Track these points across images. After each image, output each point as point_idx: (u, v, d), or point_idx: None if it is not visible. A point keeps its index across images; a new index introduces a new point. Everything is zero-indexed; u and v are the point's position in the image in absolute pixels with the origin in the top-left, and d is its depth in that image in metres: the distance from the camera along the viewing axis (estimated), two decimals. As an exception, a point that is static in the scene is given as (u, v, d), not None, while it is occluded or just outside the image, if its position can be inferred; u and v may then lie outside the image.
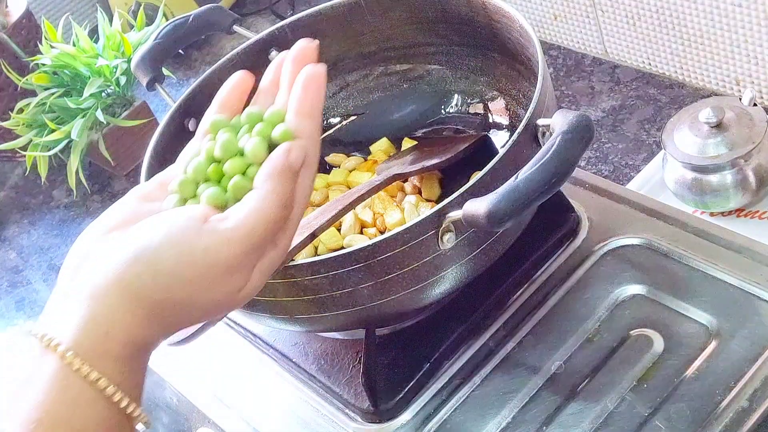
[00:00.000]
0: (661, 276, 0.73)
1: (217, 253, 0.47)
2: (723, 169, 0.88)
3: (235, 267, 0.48)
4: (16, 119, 1.38)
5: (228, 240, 0.47)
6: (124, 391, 0.46)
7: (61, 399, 0.45)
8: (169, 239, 0.47)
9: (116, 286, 0.46)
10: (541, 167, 0.55)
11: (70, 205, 1.46)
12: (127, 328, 0.46)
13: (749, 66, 1.01)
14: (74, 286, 0.48)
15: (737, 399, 0.63)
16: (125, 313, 0.46)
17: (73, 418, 0.45)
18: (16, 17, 1.49)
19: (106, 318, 0.46)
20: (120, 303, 0.46)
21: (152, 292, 0.47)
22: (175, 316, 0.48)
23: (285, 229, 0.50)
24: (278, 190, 0.49)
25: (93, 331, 0.46)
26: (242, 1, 1.73)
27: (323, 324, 0.70)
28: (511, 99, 0.84)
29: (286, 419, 0.75)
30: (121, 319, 0.46)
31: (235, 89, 0.56)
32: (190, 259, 0.47)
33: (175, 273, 0.47)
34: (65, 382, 0.45)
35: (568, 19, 1.18)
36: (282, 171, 0.49)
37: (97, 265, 0.48)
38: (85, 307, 0.46)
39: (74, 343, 0.45)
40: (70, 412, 0.45)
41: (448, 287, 0.67)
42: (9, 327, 1.29)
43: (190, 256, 0.47)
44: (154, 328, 0.48)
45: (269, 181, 0.49)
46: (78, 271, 0.49)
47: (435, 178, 0.83)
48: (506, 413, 0.68)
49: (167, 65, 0.92)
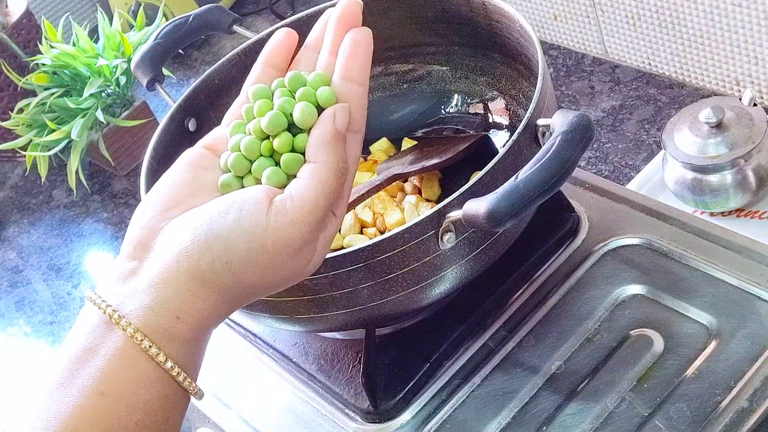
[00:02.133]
0: (661, 276, 0.73)
1: (285, 236, 0.48)
2: (723, 169, 0.88)
3: (302, 245, 0.49)
4: (16, 119, 1.38)
5: (293, 221, 0.48)
6: (187, 371, 0.48)
7: (127, 376, 0.46)
8: (240, 226, 0.48)
9: (188, 273, 0.47)
10: (541, 167, 0.55)
11: (70, 205, 1.46)
12: (198, 313, 0.48)
13: (749, 66, 1.01)
14: (144, 266, 0.48)
15: (737, 399, 0.63)
16: (197, 299, 0.47)
17: (136, 394, 0.46)
18: (16, 17, 1.49)
19: (178, 303, 0.47)
20: (193, 290, 0.47)
21: (225, 279, 0.48)
22: (245, 298, 0.50)
23: (341, 196, 0.51)
24: (332, 159, 0.50)
25: (164, 314, 0.47)
26: (242, 1, 1.73)
27: (323, 324, 0.70)
28: (511, 99, 0.84)
29: (286, 419, 0.75)
30: (193, 305, 0.47)
31: (280, 46, 0.56)
32: (261, 245, 0.48)
33: (247, 259, 0.48)
34: (132, 359, 0.46)
35: (568, 19, 1.18)
36: (332, 139, 0.50)
37: (169, 247, 0.48)
38: (158, 291, 0.47)
39: (144, 324, 0.46)
40: (135, 389, 0.46)
41: (448, 287, 0.67)
42: (8, 327, 1.29)
43: (261, 241, 0.48)
44: (223, 310, 0.49)
45: (321, 152, 0.50)
46: (146, 248, 0.49)
47: (435, 178, 0.83)
48: (506, 413, 0.68)
49: (167, 65, 0.92)
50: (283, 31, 0.56)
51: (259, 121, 0.52)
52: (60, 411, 0.45)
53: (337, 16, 0.55)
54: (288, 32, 0.56)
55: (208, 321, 0.48)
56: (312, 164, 0.50)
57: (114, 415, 0.45)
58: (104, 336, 0.46)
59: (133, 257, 0.49)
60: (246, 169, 0.52)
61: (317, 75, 0.53)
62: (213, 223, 0.48)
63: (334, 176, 0.50)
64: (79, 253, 1.37)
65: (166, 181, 0.52)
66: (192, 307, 0.47)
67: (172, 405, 0.48)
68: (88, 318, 0.48)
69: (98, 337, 0.47)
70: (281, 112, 0.52)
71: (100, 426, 0.45)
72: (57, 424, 0.45)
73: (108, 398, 0.45)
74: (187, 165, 0.53)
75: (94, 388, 0.45)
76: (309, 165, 0.50)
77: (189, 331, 0.47)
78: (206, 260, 0.47)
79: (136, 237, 0.50)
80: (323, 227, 0.50)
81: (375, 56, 0.54)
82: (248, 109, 0.54)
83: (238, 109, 0.55)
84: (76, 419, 0.45)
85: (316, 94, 0.52)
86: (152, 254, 0.49)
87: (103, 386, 0.45)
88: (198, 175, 0.52)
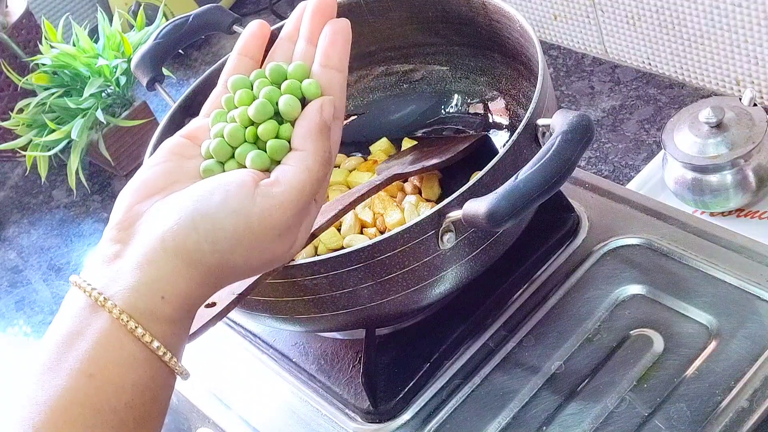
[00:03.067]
0: (661, 276, 0.73)
1: (271, 217, 0.49)
2: (723, 169, 0.88)
3: (288, 228, 0.50)
4: (16, 119, 1.38)
5: (281, 204, 0.49)
6: (173, 351, 0.48)
7: (115, 357, 0.46)
8: (226, 206, 0.48)
9: (174, 252, 0.48)
10: (541, 167, 0.55)
11: (70, 205, 1.46)
12: (183, 293, 0.48)
13: (749, 66, 1.01)
14: (128, 248, 0.49)
15: (737, 399, 0.63)
16: (182, 278, 0.48)
17: (124, 376, 0.46)
18: (16, 17, 1.49)
19: (162, 284, 0.47)
20: (178, 270, 0.48)
21: (210, 258, 0.48)
22: (228, 278, 0.50)
23: (323, 185, 0.53)
24: (318, 148, 0.51)
25: (149, 295, 0.47)
26: (242, 1, 1.73)
27: (323, 324, 0.70)
28: (511, 99, 0.84)
29: (286, 419, 0.75)
30: (177, 284, 0.48)
31: (255, 37, 0.58)
32: (247, 225, 0.48)
33: (234, 239, 0.48)
34: (119, 341, 0.46)
35: (568, 19, 1.18)
36: (319, 130, 0.52)
37: (153, 228, 0.49)
38: (142, 271, 0.47)
39: (129, 306, 0.46)
40: (122, 370, 0.46)
41: (448, 287, 0.67)
42: (9, 327, 1.29)
43: (247, 221, 0.48)
44: (207, 290, 0.49)
45: (309, 142, 0.51)
46: (129, 231, 0.49)
47: (435, 178, 0.83)
48: (506, 413, 0.68)
49: (167, 65, 0.92)
50: (257, 23, 0.58)
51: (245, 109, 0.53)
52: (49, 395, 0.45)
53: (312, 8, 0.56)
54: (262, 24, 0.59)
55: (192, 301, 0.49)
56: (299, 152, 0.51)
57: (103, 396, 0.45)
58: (90, 319, 0.47)
59: (117, 240, 0.49)
60: (228, 155, 0.53)
61: (297, 65, 0.54)
62: (199, 202, 0.48)
63: (320, 165, 0.51)
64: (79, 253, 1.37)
65: (147, 168, 0.53)
66: (176, 287, 0.48)
67: (159, 385, 0.48)
68: (74, 302, 0.48)
69: (84, 320, 0.47)
70: (268, 101, 0.53)
71: (90, 408, 0.45)
72: (47, 408, 0.45)
73: (96, 380, 0.45)
74: (169, 153, 0.53)
75: (82, 370, 0.45)
76: (296, 153, 0.51)
77: (174, 311, 0.48)
78: (192, 239, 0.48)
79: (119, 221, 0.50)
80: (306, 213, 0.52)
81: (375, 56, 0.55)
82: (228, 99, 0.55)
83: (216, 100, 0.56)
84: (66, 402, 0.45)
85: (301, 87, 0.53)
86: (136, 236, 0.49)
87: (91, 368, 0.45)
88: (179, 164, 0.53)
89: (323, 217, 0.70)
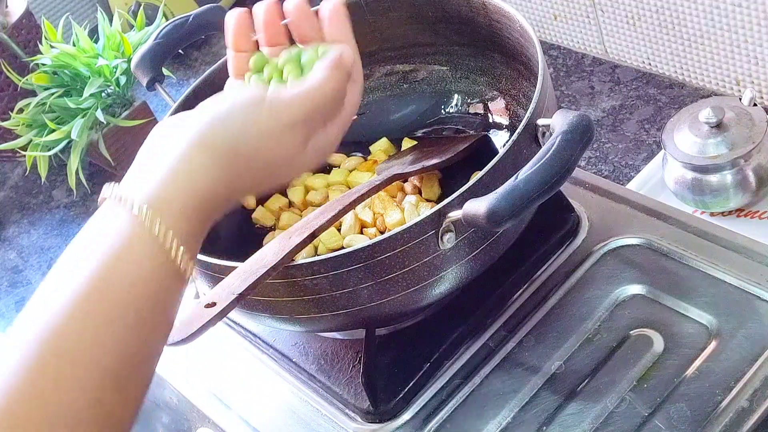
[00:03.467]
0: (661, 276, 0.73)
1: (278, 112, 0.55)
2: (723, 169, 0.88)
3: (293, 125, 0.55)
4: (16, 119, 1.38)
5: (288, 103, 0.55)
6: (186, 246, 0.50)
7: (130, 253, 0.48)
8: (239, 103, 0.55)
9: (197, 144, 0.52)
10: (541, 167, 0.55)
11: (70, 205, 1.46)
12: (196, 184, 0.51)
13: (749, 66, 1.01)
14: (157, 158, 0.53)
15: (737, 399, 0.63)
16: (203, 168, 0.52)
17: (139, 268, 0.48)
18: (16, 17, 1.48)
19: (186, 175, 0.51)
20: (199, 160, 0.52)
21: (223, 143, 0.53)
22: (240, 175, 0.54)
23: (335, 121, 0.58)
24: (333, 77, 0.57)
25: (171, 186, 0.51)
26: (242, 2, 1.73)
27: (323, 324, 0.70)
28: (511, 99, 0.84)
29: (286, 419, 0.75)
30: (200, 176, 0.51)
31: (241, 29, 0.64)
32: (256, 118, 0.54)
33: (244, 129, 0.54)
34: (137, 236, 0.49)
35: (568, 19, 1.18)
36: (336, 63, 0.57)
37: (179, 136, 0.53)
38: (167, 168, 0.51)
39: (149, 198, 0.50)
40: (137, 265, 0.48)
41: (448, 287, 0.67)
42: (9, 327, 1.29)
43: (256, 115, 0.54)
44: (220, 186, 0.53)
45: (325, 70, 0.57)
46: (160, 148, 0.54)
47: (435, 178, 0.83)
48: (506, 413, 0.68)
49: (167, 65, 0.92)
50: (232, 16, 0.63)
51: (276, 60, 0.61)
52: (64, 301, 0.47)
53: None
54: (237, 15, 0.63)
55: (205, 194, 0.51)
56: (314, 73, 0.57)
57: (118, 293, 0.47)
58: (111, 220, 0.49)
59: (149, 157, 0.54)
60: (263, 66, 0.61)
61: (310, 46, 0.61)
62: (215, 107, 0.55)
63: (331, 89, 0.56)
64: (79, 253, 1.37)
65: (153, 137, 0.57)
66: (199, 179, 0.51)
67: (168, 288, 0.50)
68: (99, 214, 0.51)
69: (107, 222, 0.50)
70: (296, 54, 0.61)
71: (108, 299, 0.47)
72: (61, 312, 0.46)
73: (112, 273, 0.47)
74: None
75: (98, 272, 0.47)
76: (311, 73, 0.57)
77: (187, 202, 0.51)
78: (210, 131, 0.53)
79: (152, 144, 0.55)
80: (313, 130, 0.57)
81: (375, 56, 0.55)
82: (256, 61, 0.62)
83: None
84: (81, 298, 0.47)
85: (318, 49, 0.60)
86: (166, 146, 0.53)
87: (110, 262, 0.48)
88: None
89: (323, 217, 0.70)
